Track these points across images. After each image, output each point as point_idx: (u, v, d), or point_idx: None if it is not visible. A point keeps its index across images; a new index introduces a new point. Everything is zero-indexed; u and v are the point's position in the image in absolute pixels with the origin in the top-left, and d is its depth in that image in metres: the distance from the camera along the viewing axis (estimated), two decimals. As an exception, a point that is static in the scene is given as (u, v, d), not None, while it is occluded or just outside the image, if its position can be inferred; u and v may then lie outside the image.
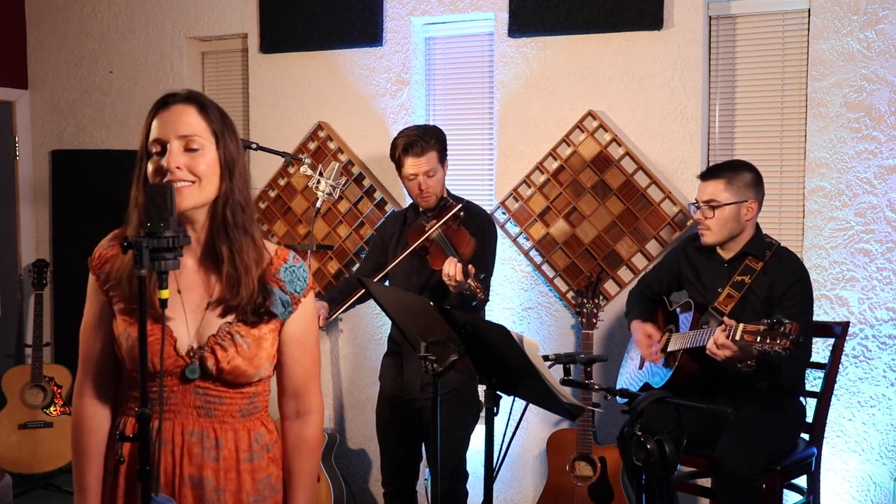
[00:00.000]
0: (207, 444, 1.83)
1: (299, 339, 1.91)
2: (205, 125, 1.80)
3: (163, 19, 4.78)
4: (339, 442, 4.39)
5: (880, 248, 3.43)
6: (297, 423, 1.95)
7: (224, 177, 1.81)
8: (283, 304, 1.87)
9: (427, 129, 3.36)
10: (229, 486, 1.85)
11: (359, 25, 4.24)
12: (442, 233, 3.25)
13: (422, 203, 3.35)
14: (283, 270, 1.87)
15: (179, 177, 1.75)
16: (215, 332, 1.82)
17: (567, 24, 3.83)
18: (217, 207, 1.81)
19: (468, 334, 2.17)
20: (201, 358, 1.81)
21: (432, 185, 3.30)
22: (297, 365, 1.92)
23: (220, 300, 1.82)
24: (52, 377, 4.70)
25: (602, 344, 3.84)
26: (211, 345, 1.81)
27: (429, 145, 3.28)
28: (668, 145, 3.73)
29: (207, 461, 1.83)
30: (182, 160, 1.76)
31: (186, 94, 1.83)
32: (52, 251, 5.19)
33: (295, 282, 1.88)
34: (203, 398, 1.83)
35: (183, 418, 1.82)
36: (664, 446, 2.06)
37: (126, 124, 4.92)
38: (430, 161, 3.28)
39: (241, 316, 1.82)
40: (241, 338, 1.82)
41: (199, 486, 1.82)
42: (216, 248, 1.81)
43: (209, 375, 1.81)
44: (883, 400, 3.45)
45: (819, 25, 3.48)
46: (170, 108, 1.80)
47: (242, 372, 1.82)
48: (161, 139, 1.77)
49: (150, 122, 1.80)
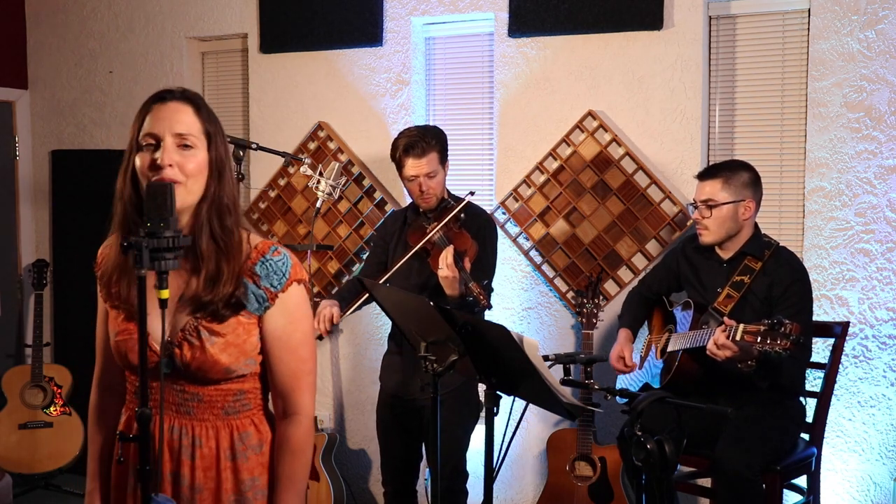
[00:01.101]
0: (185, 441, 1.83)
1: (280, 337, 1.86)
2: (199, 125, 1.80)
3: (163, 19, 4.78)
4: (339, 442, 4.39)
5: (880, 248, 3.43)
6: (283, 423, 1.90)
7: (213, 178, 1.81)
8: (256, 299, 1.83)
9: (428, 129, 3.35)
10: (207, 485, 1.83)
11: (359, 25, 4.24)
12: (443, 235, 3.24)
13: (422, 204, 3.34)
14: (259, 265, 1.83)
15: (170, 174, 1.74)
16: (184, 326, 1.82)
17: (567, 24, 3.83)
18: (202, 208, 1.80)
19: (468, 334, 2.17)
20: (171, 353, 1.80)
21: (433, 186, 3.30)
22: (280, 363, 1.87)
23: (194, 297, 1.81)
24: (52, 377, 4.70)
25: (602, 344, 3.84)
26: (179, 340, 1.81)
27: (430, 146, 3.27)
28: (668, 145, 3.73)
29: (185, 458, 1.83)
30: (175, 158, 1.76)
31: (183, 93, 1.83)
32: (52, 251, 5.19)
33: (271, 276, 1.83)
34: (180, 395, 1.83)
35: (165, 415, 1.83)
36: (664, 446, 2.06)
37: (126, 124, 4.88)
38: (431, 162, 3.27)
39: (211, 310, 1.80)
40: (208, 333, 1.80)
41: (176, 483, 1.83)
42: (196, 247, 1.80)
43: (179, 371, 1.81)
44: (883, 400, 3.45)
45: (819, 25, 3.48)
46: (166, 104, 1.80)
47: (210, 367, 1.80)
48: (155, 134, 1.77)
49: (143, 115, 1.81)
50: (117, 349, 1.87)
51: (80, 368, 4.67)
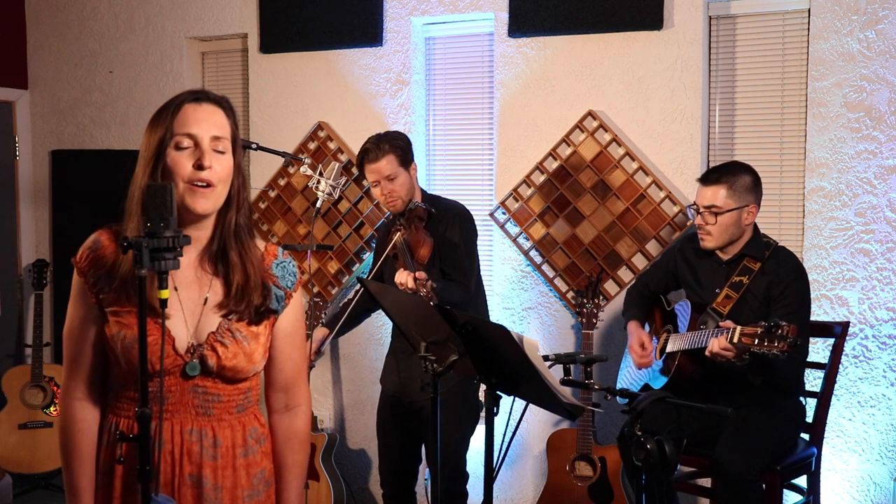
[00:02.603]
0: (206, 442, 1.84)
1: (290, 334, 1.94)
2: (229, 129, 1.82)
3: (163, 19, 4.78)
4: (339, 442, 4.39)
5: (880, 248, 3.43)
6: (287, 416, 1.97)
7: (236, 181, 1.83)
8: (277, 299, 1.90)
9: (386, 134, 3.40)
10: (226, 483, 1.85)
11: (359, 25, 4.24)
12: (404, 239, 3.25)
13: (389, 208, 3.38)
14: (275, 266, 1.90)
15: (209, 177, 1.75)
16: (215, 329, 1.82)
17: (567, 24, 3.83)
18: (229, 211, 1.82)
19: (468, 334, 2.17)
20: (202, 356, 1.80)
21: (396, 188, 3.30)
22: (288, 360, 1.94)
23: (227, 301, 1.83)
24: (52, 377, 4.69)
25: (602, 344, 3.84)
26: (211, 342, 1.81)
27: (383, 150, 3.29)
28: (668, 145, 3.73)
29: (206, 460, 1.83)
30: (213, 161, 1.77)
31: (216, 96, 1.84)
32: (52, 251, 5.19)
33: (286, 277, 1.91)
34: (202, 397, 1.83)
35: (182, 417, 1.82)
36: (664, 446, 2.06)
37: (126, 124, 4.92)
38: (389, 165, 3.28)
39: (248, 313, 1.84)
40: (241, 335, 1.83)
41: (198, 485, 1.83)
42: (223, 251, 1.83)
43: (209, 373, 1.82)
44: (883, 400, 3.45)
45: (819, 25, 3.48)
46: (202, 105, 1.79)
47: (242, 368, 1.84)
48: (194, 135, 1.76)
49: (173, 114, 1.77)
50: (128, 355, 1.78)
51: (80, 368, 4.68)
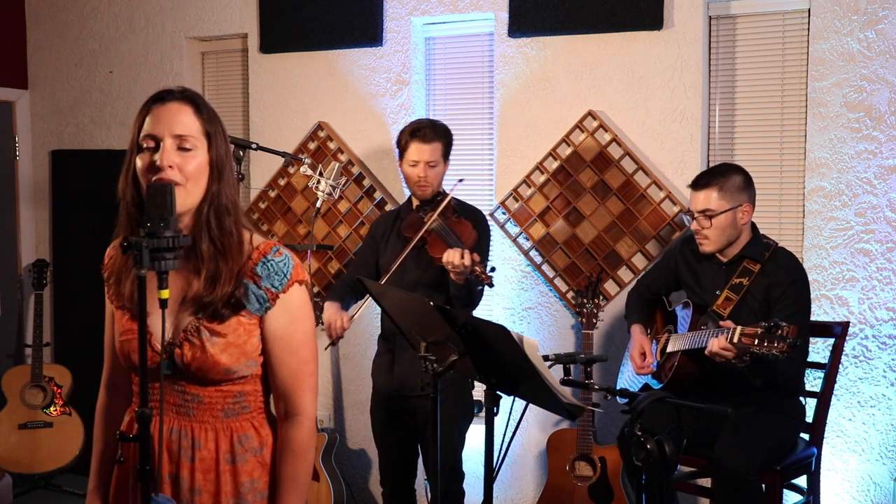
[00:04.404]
0: (185, 443, 1.83)
1: (281, 338, 1.86)
2: (199, 126, 1.80)
3: (163, 19, 4.78)
4: (339, 442, 4.39)
5: (880, 248, 3.43)
6: (285, 424, 1.90)
7: (213, 179, 1.80)
8: (257, 299, 1.82)
9: (439, 122, 3.42)
10: (207, 487, 1.83)
11: (359, 25, 4.24)
12: (442, 223, 3.26)
13: (418, 192, 3.37)
14: (260, 265, 1.82)
15: (170, 176, 1.74)
16: (185, 327, 1.82)
17: (567, 24, 3.83)
18: (203, 209, 1.80)
19: (468, 334, 2.17)
20: (171, 354, 1.80)
21: (432, 176, 3.33)
22: (281, 365, 1.87)
23: (196, 297, 1.81)
24: (52, 377, 4.69)
25: (602, 344, 3.84)
26: (180, 340, 1.81)
27: (436, 136, 3.33)
28: (668, 145, 3.73)
29: (184, 460, 1.82)
30: (175, 159, 1.75)
31: (182, 93, 1.82)
32: (52, 251, 5.19)
33: (272, 277, 1.83)
34: (181, 396, 1.83)
35: (166, 416, 1.83)
36: (664, 446, 2.06)
37: (126, 124, 4.92)
38: (435, 152, 3.32)
39: (213, 310, 1.80)
40: (208, 333, 1.80)
41: (175, 485, 1.82)
42: (196, 248, 1.80)
43: (180, 371, 1.81)
44: (883, 400, 3.45)
45: (819, 25, 3.48)
46: (165, 105, 1.79)
47: (211, 367, 1.80)
48: (155, 135, 1.77)
49: (143, 116, 1.80)
50: (121, 349, 1.88)
51: (80, 368, 4.68)
